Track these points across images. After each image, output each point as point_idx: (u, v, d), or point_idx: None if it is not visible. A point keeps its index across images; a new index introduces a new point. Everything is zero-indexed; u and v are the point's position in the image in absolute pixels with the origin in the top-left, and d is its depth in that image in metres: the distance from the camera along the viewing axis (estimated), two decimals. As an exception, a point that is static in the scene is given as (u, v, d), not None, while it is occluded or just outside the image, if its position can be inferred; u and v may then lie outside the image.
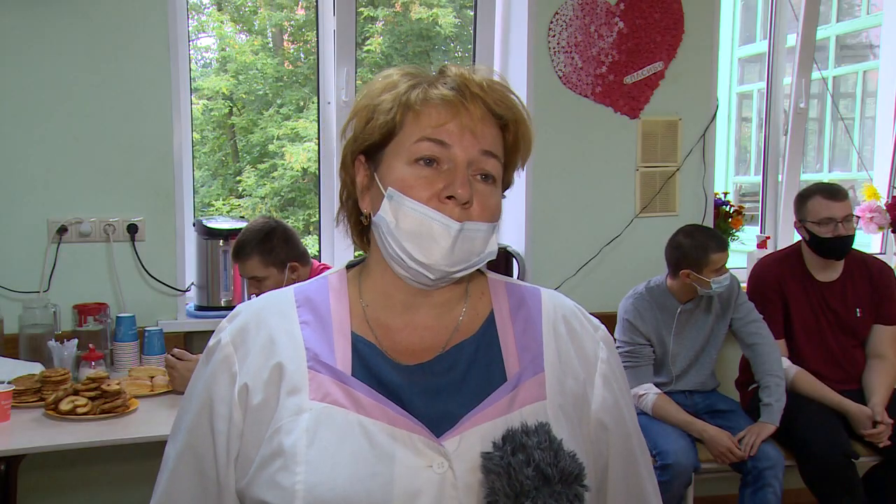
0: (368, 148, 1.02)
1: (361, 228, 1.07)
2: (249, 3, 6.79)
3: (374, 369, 0.98)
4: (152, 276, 2.95)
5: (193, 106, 4.13)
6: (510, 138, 1.02)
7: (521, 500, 0.86)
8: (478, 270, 1.09)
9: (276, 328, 1.00)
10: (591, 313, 1.11)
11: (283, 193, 6.52)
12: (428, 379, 0.98)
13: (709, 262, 2.76)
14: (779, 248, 3.48)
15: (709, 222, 3.43)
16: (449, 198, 0.95)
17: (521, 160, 1.05)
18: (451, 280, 1.00)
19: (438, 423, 0.94)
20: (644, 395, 2.80)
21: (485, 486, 0.89)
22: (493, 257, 1.01)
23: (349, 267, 1.10)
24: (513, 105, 1.01)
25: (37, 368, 2.52)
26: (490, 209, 0.99)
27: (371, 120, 1.00)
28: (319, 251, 3.43)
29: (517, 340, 1.02)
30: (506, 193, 1.07)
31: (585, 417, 1.02)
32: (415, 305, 1.02)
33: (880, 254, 4.01)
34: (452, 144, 0.97)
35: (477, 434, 0.92)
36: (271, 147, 6.48)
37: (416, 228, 0.96)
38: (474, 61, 3.49)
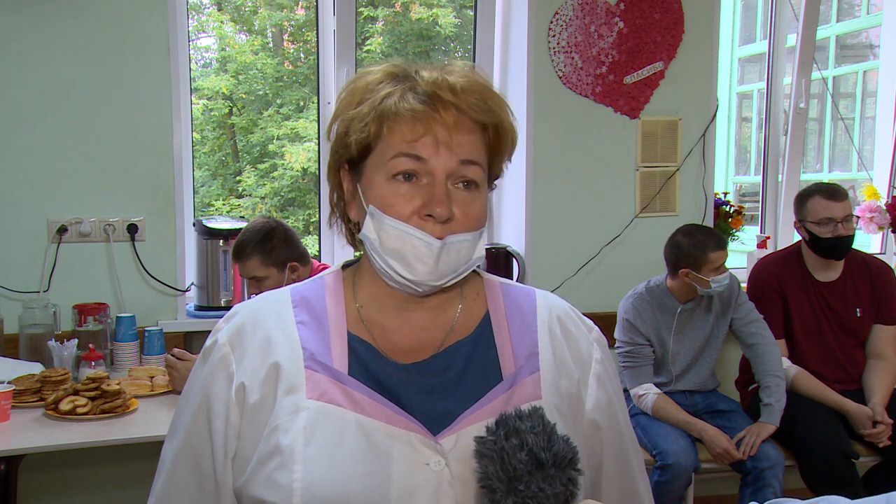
0: (350, 160, 1.01)
1: (354, 231, 1.07)
2: (249, 3, 6.79)
3: (371, 368, 0.98)
4: (152, 276, 2.95)
5: (193, 106, 4.12)
6: (491, 138, 0.99)
7: (514, 485, 0.86)
8: (473, 271, 1.10)
9: (273, 328, 1.00)
10: (591, 313, 1.12)
11: (283, 193, 6.52)
12: (424, 378, 0.99)
13: (707, 261, 2.76)
14: (779, 248, 3.48)
15: (709, 222, 3.43)
16: (429, 215, 0.94)
17: (506, 154, 1.03)
18: (441, 288, 1.00)
19: (435, 421, 0.95)
20: (644, 395, 2.80)
21: (478, 471, 0.89)
22: (481, 261, 1.01)
23: (345, 267, 1.10)
24: (490, 106, 0.98)
25: (37, 368, 2.52)
26: (473, 217, 0.97)
27: (348, 132, 0.99)
28: (319, 251, 3.43)
29: (513, 341, 1.03)
30: (496, 184, 1.06)
31: (580, 417, 1.03)
32: (409, 308, 1.02)
33: (880, 254, 4.00)
34: (428, 158, 0.95)
35: (473, 432, 0.92)
36: (271, 147, 6.48)
37: (399, 246, 0.95)
38: (474, 61, 3.49)
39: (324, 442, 0.92)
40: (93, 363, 2.52)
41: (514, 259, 3.23)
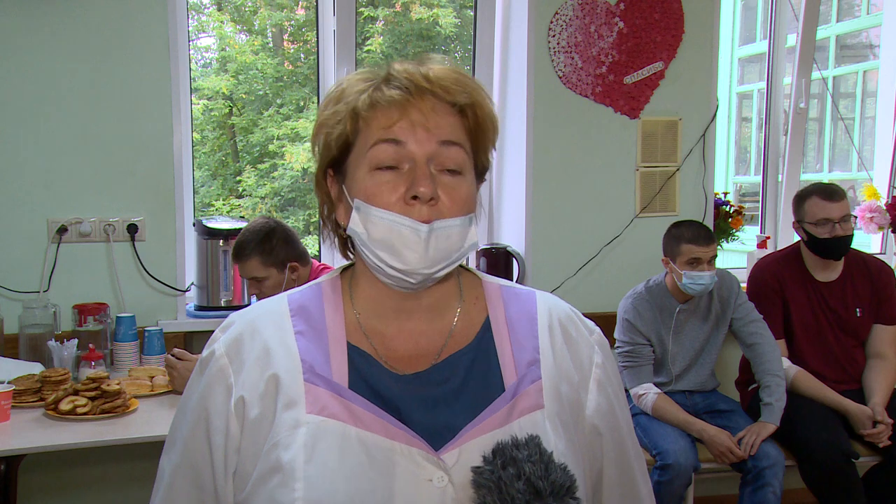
0: (333, 162, 1.00)
1: (345, 240, 1.06)
2: (249, 3, 6.79)
3: (371, 380, 0.96)
4: (152, 276, 2.95)
5: (193, 106, 4.13)
6: (471, 122, 0.98)
7: None
8: (472, 272, 1.09)
9: (271, 338, 0.98)
10: (591, 313, 1.11)
11: (283, 193, 6.51)
12: (425, 389, 0.97)
13: (679, 252, 2.78)
14: (779, 248, 3.48)
15: (709, 222, 3.43)
16: (414, 198, 0.93)
17: (490, 141, 1.02)
18: (437, 280, 0.98)
19: (437, 434, 0.93)
20: (644, 395, 2.80)
21: (475, 501, 0.88)
22: (476, 248, 0.99)
23: (343, 271, 1.08)
24: (466, 89, 0.97)
25: (37, 368, 2.52)
26: (460, 201, 0.96)
27: (327, 133, 0.99)
28: (319, 251, 3.43)
29: (514, 348, 1.01)
30: (486, 178, 1.05)
31: (580, 423, 1.01)
32: (406, 310, 1.00)
33: (880, 254, 4.00)
34: (406, 141, 0.94)
35: (476, 446, 0.91)
36: (271, 147, 6.48)
37: (387, 236, 0.93)
38: (474, 61, 3.49)
39: (325, 458, 0.90)
40: (93, 363, 2.52)
41: (514, 259, 3.23)
